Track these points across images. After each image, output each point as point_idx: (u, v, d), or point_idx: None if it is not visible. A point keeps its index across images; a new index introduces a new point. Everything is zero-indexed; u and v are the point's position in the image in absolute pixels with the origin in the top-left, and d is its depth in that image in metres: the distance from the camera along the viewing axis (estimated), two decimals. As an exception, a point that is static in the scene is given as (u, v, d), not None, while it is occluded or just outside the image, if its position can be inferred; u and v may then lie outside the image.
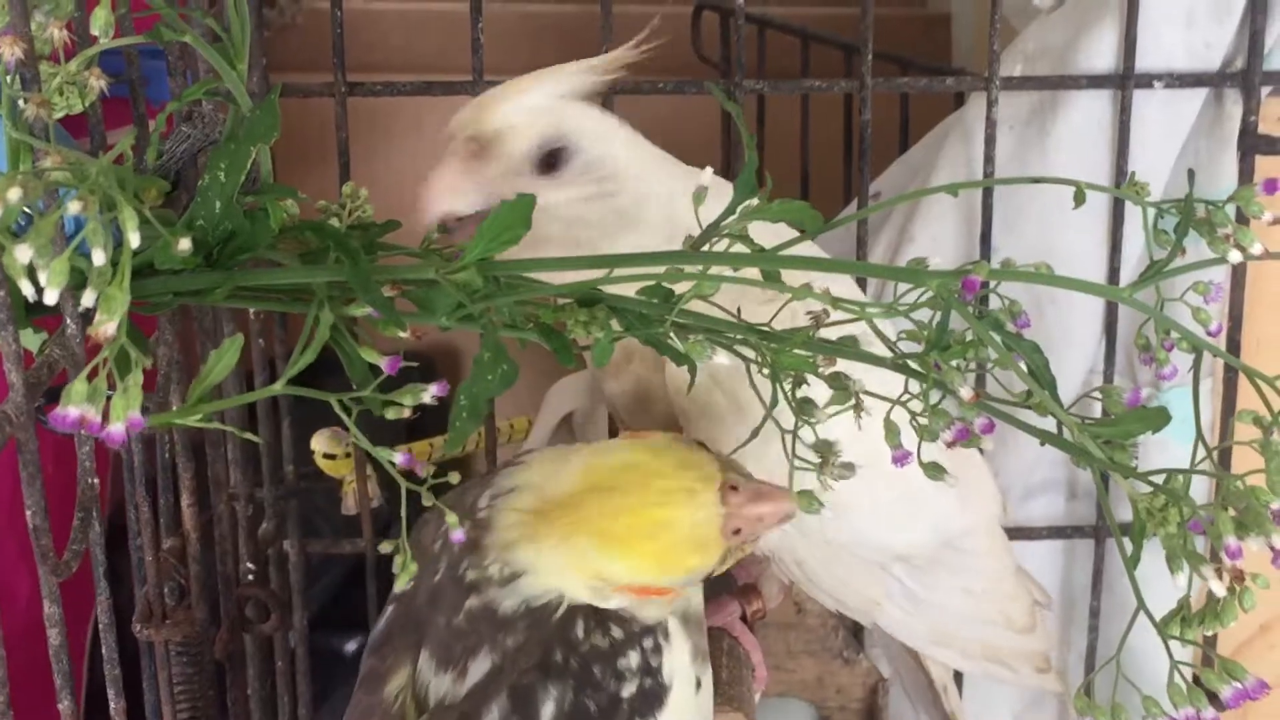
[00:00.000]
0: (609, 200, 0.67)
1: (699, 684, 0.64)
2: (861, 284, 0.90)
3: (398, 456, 0.56)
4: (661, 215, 0.67)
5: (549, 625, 0.60)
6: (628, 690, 0.60)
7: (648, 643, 0.61)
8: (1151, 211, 0.59)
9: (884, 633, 0.80)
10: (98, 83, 0.60)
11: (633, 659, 0.61)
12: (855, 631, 0.99)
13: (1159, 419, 0.57)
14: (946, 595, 0.79)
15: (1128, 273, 0.94)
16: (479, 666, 0.60)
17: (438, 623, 0.62)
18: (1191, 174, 0.66)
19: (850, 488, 0.59)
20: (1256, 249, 0.57)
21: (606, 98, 0.88)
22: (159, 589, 0.82)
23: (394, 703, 0.62)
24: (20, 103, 0.54)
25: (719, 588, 0.80)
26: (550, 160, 0.66)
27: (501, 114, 0.65)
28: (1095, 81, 0.92)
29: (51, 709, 0.63)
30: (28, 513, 0.57)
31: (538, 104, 0.66)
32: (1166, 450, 0.88)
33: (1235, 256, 0.57)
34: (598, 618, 0.61)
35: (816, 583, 0.74)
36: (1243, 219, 0.59)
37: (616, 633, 0.61)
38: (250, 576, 0.93)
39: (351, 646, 1.34)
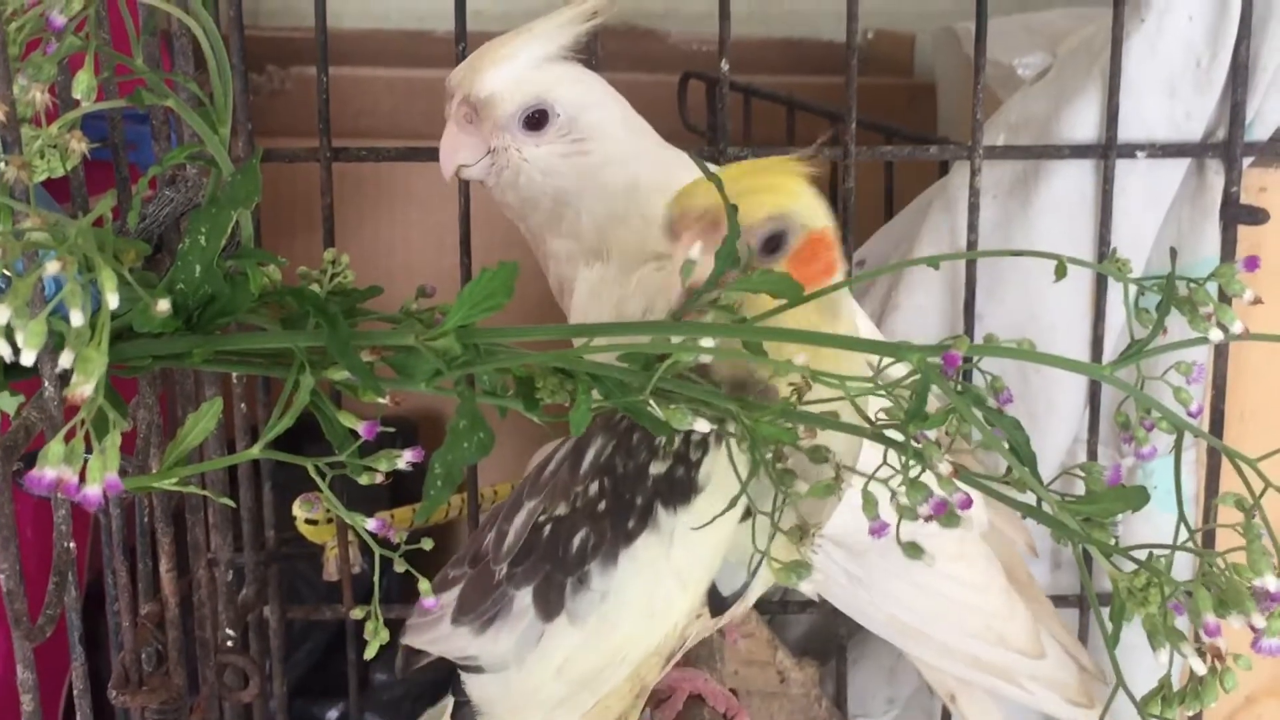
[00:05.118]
0: (581, 158, 0.77)
1: (746, 512, 0.58)
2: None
3: (371, 523, 0.55)
4: (621, 180, 0.76)
5: None
6: (656, 468, 0.61)
7: (695, 435, 0.59)
8: (1133, 289, 0.59)
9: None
10: (79, 146, 0.60)
11: (672, 439, 0.60)
12: (838, 701, 0.99)
13: (1138, 498, 0.56)
14: (894, 585, 0.82)
15: (1112, 339, 0.94)
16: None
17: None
18: (1174, 252, 0.66)
19: None
20: (1237, 328, 0.56)
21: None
22: (136, 654, 0.81)
23: None
24: (1, 164, 0.54)
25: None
26: (534, 119, 0.76)
27: (488, 82, 0.76)
28: (1078, 151, 0.92)
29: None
30: (0, 576, 0.57)
31: (521, 73, 0.76)
32: (1151, 519, 0.88)
33: (1216, 336, 0.56)
34: None
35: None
36: (1225, 297, 0.58)
37: None
38: (230, 643, 0.93)
39: (333, 714, 1.31)
